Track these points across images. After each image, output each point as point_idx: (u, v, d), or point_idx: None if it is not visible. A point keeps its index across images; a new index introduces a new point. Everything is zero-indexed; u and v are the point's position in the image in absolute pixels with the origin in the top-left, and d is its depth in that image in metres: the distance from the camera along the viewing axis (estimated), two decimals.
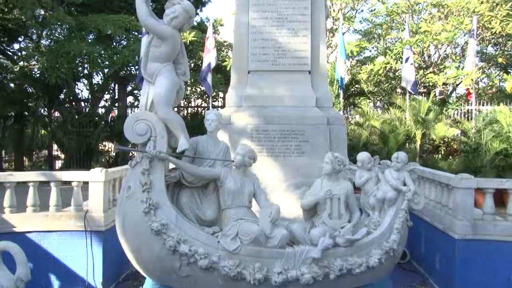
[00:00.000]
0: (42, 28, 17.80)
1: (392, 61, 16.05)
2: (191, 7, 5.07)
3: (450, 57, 18.71)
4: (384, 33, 19.10)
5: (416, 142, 12.95)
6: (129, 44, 17.20)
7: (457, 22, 16.35)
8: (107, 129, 17.79)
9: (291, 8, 7.34)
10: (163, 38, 4.91)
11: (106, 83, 20.34)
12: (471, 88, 15.01)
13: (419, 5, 18.81)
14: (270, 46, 7.32)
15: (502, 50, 18.42)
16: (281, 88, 7.23)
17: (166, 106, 4.87)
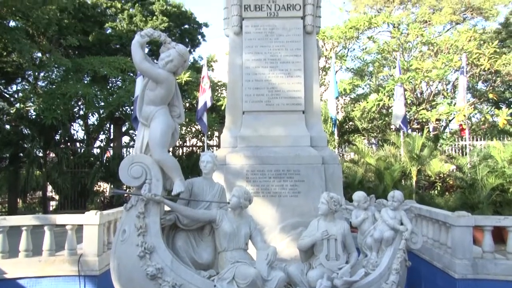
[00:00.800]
0: (39, 70, 18.04)
1: (385, 98, 16.25)
2: (185, 51, 5.16)
3: (442, 93, 19.00)
4: (376, 70, 19.46)
5: (412, 179, 12.93)
6: (124, 85, 17.43)
7: (447, 60, 16.70)
8: (102, 169, 17.72)
9: (284, 50, 7.49)
10: (158, 82, 4.97)
11: (101, 123, 20.43)
12: (464, 124, 15.18)
13: (409, 43, 19.26)
14: (264, 87, 7.42)
15: (492, 86, 18.75)
16: (275, 128, 7.29)
17: (162, 149, 4.89)
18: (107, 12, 21.59)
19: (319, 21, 7.83)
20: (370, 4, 25.35)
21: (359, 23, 17.60)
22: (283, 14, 7.54)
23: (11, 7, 15.44)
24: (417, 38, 18.62)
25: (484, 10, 23.39)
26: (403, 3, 24.68)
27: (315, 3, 7.65)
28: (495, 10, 23.68)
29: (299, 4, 7.53)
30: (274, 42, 7.49)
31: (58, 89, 16.10)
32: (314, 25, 7.63)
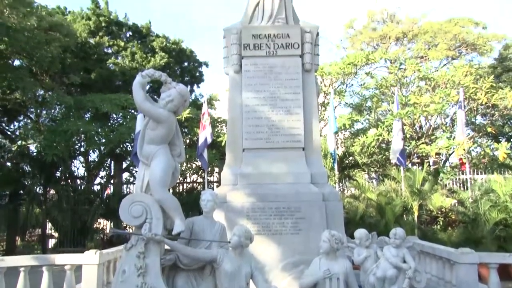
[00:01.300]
0: (42, 108, 18.24)
1: (384, 133, 16.35)
2: (186, 91, 5.26)
3: (441, 127, 19.11)
4: (374, 105, 19.63)
5: (414, 214, 12.86)
6: (125, 122, 17.56)
7: (445, 94, 16.88)
8: (102, 206, 17.66)
9: (284, 88, 7.60)
10: (159, 121, 5.04)
11: (102, 160, 20.46)
12: (464, 158, 15.20)
13: (407, 78, 19.52)
14: (264, 124, 7.48)
15: (491, 120, 18.88)
16: (275, 165, 7.31)
17: (162, 188, 4.91)
18: (109, 51, 22.02)
19: (317, 59, 7.98)
20: (367, 41, 25.86)
21: (357, 59, 17.90)
22: (282, 53, 7.69)
23: (17, 47, 15.79)
24: (414, 73, 18.89)
25: (478, 46, 23.85)
26: (399, 39, 25.19)
27: (313, 42, 7.82)
28: (489, 46, 24.14)
29: (297, 43, 7.69)
30: (274, 80, 7.60)
31: (60, 126, 16.23)
32: (312, 63, 7.77)
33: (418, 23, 25.18)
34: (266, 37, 7.67)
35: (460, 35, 23.45)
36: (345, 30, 27.40)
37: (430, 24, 24.42)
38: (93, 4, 22.12)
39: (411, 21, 25.31)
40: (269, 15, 7.87)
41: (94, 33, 21.68)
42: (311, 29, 7.82)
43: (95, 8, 22.02)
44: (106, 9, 22.23)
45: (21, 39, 15.22)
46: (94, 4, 22.11)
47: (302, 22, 8.00)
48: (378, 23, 26.73)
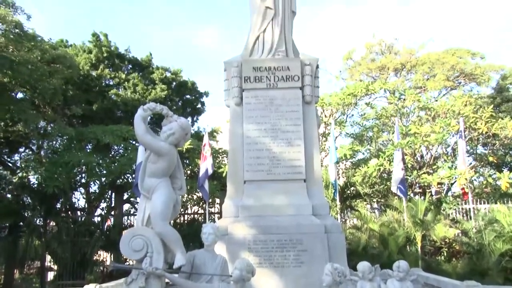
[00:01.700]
0: (43, 139, 18.30)
1: (385, 163, 16.34)
2: (187, 124, 5.30)
3: (442, 157, 19.11)
4: (375, 135, 19.69)
5: (417, 244, 12.71)
6: (126, 153, 17.58)
7: (445, 124, 16.95)
8: (103, 238, 17.47)
9: (284, 119, 7.65)
10: (160, 155, 5.06)
11: (102, 191, 20.38)
12: (466, 188, 15.13)
13: (407, 108, 19.64)
14: (265, 156, 7.50)
15: (492, 150, 18.90)
16: (277, 197, 7.29)
17: (163, 221, 4.89)
18: (110, 83, 22.26)
19: (317, 91, 8.06)
20: (366, 72, 26.16)
21: (357, 89, 18.06)
22: (282, 85, 7.77)
23: (20, 79, 15.98)
24: (414, 103, 19.03)
25: (476, 76, 24.10)
26: (398, 70, 25.48)
27: (313, 74, 7.92)
28: (487, 76, 24.40)
29: (297, 75, 7.79)
30: (274, 112, 7.67)
31: (61, 158, 16.24)
32: (312, 95, 7.85)
33: (416, 54, 25.53)
34: (266, 69, 7.77)
35: (458, 65, 23.73)
36: (344, 61, 27.77)
37: (428, 55, 24.76)
38: (94, 37, 22.49)
39: (409, 52, 25.66)
40: (269, 48, 8.00)
41: (96, 66, 21.97)
42: (311, 61, 7.94)
43: (96, 41, 22.38)
44: (106, 41, 22.59)
45: (24, 72, 15.40)
46: (95, 38, 22.48)
47: (302, 55, 8.12)
48: (376, 54, 27.09)
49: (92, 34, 22.54)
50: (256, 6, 8.10)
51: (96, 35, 22.51)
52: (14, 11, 15.90)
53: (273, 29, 7.99)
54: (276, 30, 7.97)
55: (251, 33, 8.16)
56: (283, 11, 8.04)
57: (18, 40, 15.30)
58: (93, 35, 22.52)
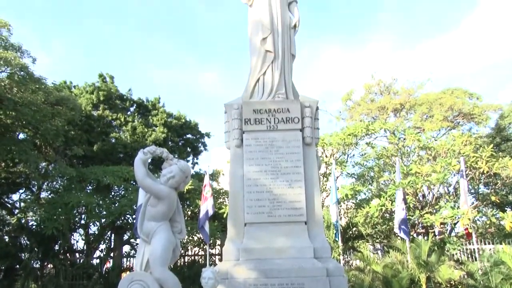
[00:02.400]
0: (43, 180, 18.27)
1: (387, 203, 16.23)
2: (187, 167, 5.32)
3: (444, 196, 18.99)
4: (376, 175, 19.65)
5: (421, 286, 12.42)
6: (127, 194, 17.54)
7: (446, 163, 16.94)
8: (101, 281, 17.14)
9: (285, 161, 7.65)
10: (160, 198, 5.05)
11: (102, 232, 20.18)
12: (470, 228, 14.96)
13: (407, 148, 19.69)
14: (266, 198, 7.45)
15: (494, 189, 18.80)
16: (278, 240, 7.20)
17: (162, 266, 4.83)
18: (112, 124, 22.46)
19: (317, 133, 8.10)
20: (365, 112, 26.42)
21: (357, 130, 18.18)
22: (282, 127, 7.82)
23: (23, 120, 16.14)
24: (414, 143, 19.09)
25: (474, 115, 24.31)
26: (397, 110, 25.73)
27: (312, 116, 7.99)
28: (485, 116, 24.61)
29: (297, 117, 7.85)
30: (275, 154, 7.68)
31: (61, 198, 16.19)
32: (312, 136, 7.89)
33: (414, 94, 25.85)
34: (266, 112, 7.85)
35: (456, 105, 23.98)
36: (343, 102, 28.09)
37: (426, 95, 25.08)
38: (100, 79, 22.89)
39: (408, 92, 25.99)
40: (270, 90, 8.10)
41: (98, 106, 22.25)
42: (311, 103, 8.02)
43: (101, 82, 22.77)
44: (111, 83, 22.96)
45: (27, 113, 15.58)
46: (101, 79, 22.88)
47: (302, 97, 8.22)
48: (375, 94, 27.44)
49: (99, 75, 22.98)
50: (256, 49, 8.27)
51: (102, 76, 22.93)
52: (21, 54, 16.28)
53: (273, 72, 8.12)
54: (276, 73, 8.10)
55: (251, 76, 8.29)
56: (283, 54, 8.20)
57: (23, 82, 15.57)
58: (100, 76, 22.94)
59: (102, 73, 22.98)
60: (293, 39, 8.45)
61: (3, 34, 16.07)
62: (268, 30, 8.14)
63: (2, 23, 15.81)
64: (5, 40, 15.97)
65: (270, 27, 8.16)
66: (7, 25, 15.89)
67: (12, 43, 16.16)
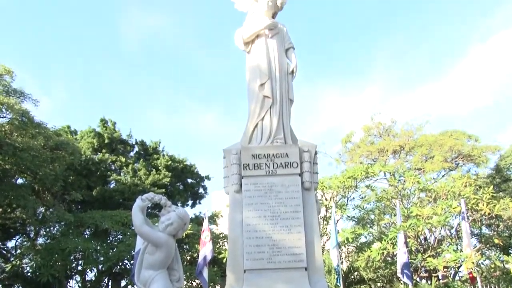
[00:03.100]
0: (40, 226, 18.08)
1: (388, 246, 16.00)
2: (185, 214, 5.28)
3: (446, 239, 18.75)
4: (377, 218, 19.48)
5: None
6: (125, 239, 17.32)
7: (446, 206, 16.82)
8: None
9: (284, 206, 7.58)
10: (158, 245, 4.99)
11: (99, 278, 19.77)
12: (474, 272, 14.68)
13: (407, 190, 19.60)
14: (265, 244, 7.34)
15: (496, 231, 18.59)
16: (278, 286, 7.04)
17: None
18: (112, 167, 22.48)
19: (316, 177, 8.07)
20: (365, 154, 26.49)
21: (356, 173, 18.16)
22: (281, 172, 7.80)
23: (22, 166, 16.15)
24: (414, 185, 19.03)
25: (473, 157, 24.38)
26: (397, 152, 25.81)
27: (311, 160, 7.97)
28: (484, 157, 24.69)
29: (296, 162, 7.84)
30: (274, 199, 7.62)
31: (58, 244, 15.98)
32: (311, 181, 7.85)
33: (413, 136, 26.01)
34: (265, 157, 7.84)
35: (455, 147, 24.10)
36: (343, 144, 28.22)
37: (425, 137, 25.24)
38: (101, 123, 23.10)
39: (407, 134, 26.16)
40: (268, 135, 8.13)
41: (98, 150, 22.33)
42: (309, 148, 8.03)
43: (103, 126, 22.97)
44: (112, 127, 23.15)
45: (27, 158, 15.62)
46: (103, 123, 23.08)
47: (300, 141, 8.24)
48: (375, 136, 27.61)
49: (101, 120, 23.22)
50: (254, 95, 8.36)
51: (103, 121, 23.16)
52: (22, 99, 16.51)
53: (271, 117, 8.17)
54: (274, 118, 8.15)
55: (249, 121, 8.34)
56: (281, 100, 8.28)
57: (23, 127, 15.70)
58: (101, 121, 23.17)
59: (104, 118, 23.22)
60: (291, 84, 8.56)
61: (6, 80, 16.35)
62: (266, 76, 8.26)
63: (6, 70, 16.12)
64: (7, 85, 16.24)
65: (268, 73, 8.29)
66: (10, 72, 16.21)
67: (14, 88, 16.42)
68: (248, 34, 8.55)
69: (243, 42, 8.61)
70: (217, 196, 29.32)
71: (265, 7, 8.64)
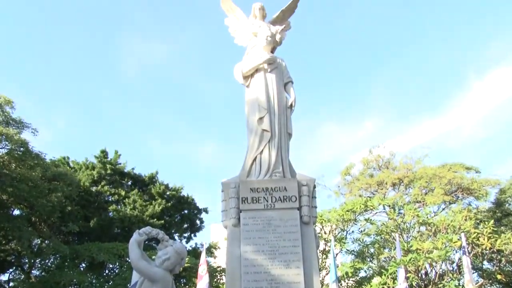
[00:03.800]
0: (36, 258, 17.83)
1: (389, 281, 15.76)
2: (182, 249, 5.23)
3: (447, 274, 18.46)
4: (377, 252, 19.24)
5: None
6: (121, 272, 17.07)
7: (447, 240, 16.66)
8: None
9: (282, 241, 7.50)
10: (154, 281, 4.93)
11: None
12: None
13: (407, 224, 19.43)
14: (263, 279, 7.22)
15: (499, 266, 18.34)
16: None
17: None
18: (109, 199, 22.37)
19: (315, 212, 8.02)
20: (364, 187, 26.42)
21: (356, 206, 18.07)
22: (280, 206, 7.75)
23: (19, 196, 16.06)
24: (414, 218, 18.89)
25: (473, 190, 24.32)
26: (396, 185, 25.76)
27: (310, 194, 7.94)
28: (484, 191, 24.63)
29: (294, 196, 7.81)
30: (272, 233, 7.55)
31: (52, 277, 15.73)
32: (310, 215, 7.79)
33: (413, 169, 26.00)
34: (264, 190, 7.82)
35: (455, 180, 24.06)
36: (342, 176, 28.18)
37: (425, 169, 25.22)
38: (102, 154, 23.12)
39: (406, 167, 26.16)
40: (267, 169, 8.12)
41: (97, 182, 22.26)
42: (308, 182, 8.01)
43: (103, 157, 22.97)
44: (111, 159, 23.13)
45: (24, 189, 15.57)
46: (103, 154, 23.10)
47: (299, 175, 8.23)
48: (374, 169, 27.61)
49: (101, 151, 23.25)
50: (253, 128, 8.40)
51: (104, 152, 23.19)
52: (21, 129, 16.57)
53: (270, 151, 8.18)
54: (273, 152, 8.17)
55: (248, 154, 8.35)
56: (280, 133, 8.31)
57: (22, 158, 15.72)
58: (102, 152, 23.20)
59: (104, 149, 23.26)
60: (289, 118, 8.62)
61: (6, 110, 16.46)
62: (265, 110, 8.33)
63: (6, 101, 16.25)
64: (7, 115, 16.33)
65: (266, 107, 8.36)
66: (10, 102, 16.34)
67: (14, 118, 16.51)
68: (247, 68, 8.67)
69: (243, 76, 8.72)
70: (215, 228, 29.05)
71: (264, 42, 8.78)
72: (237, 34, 9.49)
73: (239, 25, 9.45)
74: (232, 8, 9.45)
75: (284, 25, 9.44)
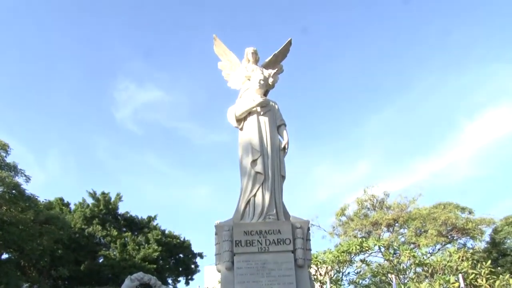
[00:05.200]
0: None
1: None
2: None
3: None
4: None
5: None
6: None
7: (444, 281, 16.40)
8: None
9: (277, 284, 7.39)
10: None
11: None
12: None
13: (403, 264, 19.16)
14: None
15: None
16: None
17: None
18: (101, 242, 22.00)
19: (310, 254, 7.94)
20: (359, 228, 26.23)
21: (351, 247, 17.87)
22: (274, 249, 7.67)
23: (8, 240, 15.74)
24: (410, 259, 18.65)
25: (468, 230, 24.19)
26: (391, 225, 25.61)
27: (304, 237, 7.87)
28: (479, 230, 24.51)
29: (289, 239, 7.73)
30: (266, 276, 7.43)
31: None
32: (305, 258, 7.71)
33: (407, 209, 25.93)
34: (257, 233, 7.74)
35: (449, 220, 23.97)
36: (337, 217, 28.02)
37: (419, 210, 25.17)
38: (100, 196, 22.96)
39: (400, 208, 26.09)
40: (260, 211, 8.08)
41: (90, 224, 21.96)
42: (302, 224, 7.96)
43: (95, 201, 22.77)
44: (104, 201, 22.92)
45: (14, 233, 15.30)
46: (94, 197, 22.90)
47: (293, 218, 8.18)
48: (368, 209, 27.51)
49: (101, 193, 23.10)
50: (247, 171, 8.40)
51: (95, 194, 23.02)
52: (15, 173, 16.47)
53: (263, 193, 8.17)
54: (267, 194, 8.15)
55: (242, 197, 8.32)
56: (273, 176, 8.32)
57: (14, 201, 15.53)
58: (102, 194, 23.06)
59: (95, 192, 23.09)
60: (282, 160, 8.65)
61: (1, 154, 16.41)
62: (258, 152, 8.36)
63: (1, 144, 16.22)
64: (1, 159, 16.27)
65: (260, 149, 8.40)
66: (5, 146, 16.31)
67: (8, 163, 16.44)
68: (240, 112, 8.76)
69: (236, 119, 8.80)
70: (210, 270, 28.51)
71: (257, 85, 8.91)
72: (231, 77, 9.66)
73: (232, 68, 9.63)
74: (225, 53, 9.65)
75: (277, 68, 9.62)
